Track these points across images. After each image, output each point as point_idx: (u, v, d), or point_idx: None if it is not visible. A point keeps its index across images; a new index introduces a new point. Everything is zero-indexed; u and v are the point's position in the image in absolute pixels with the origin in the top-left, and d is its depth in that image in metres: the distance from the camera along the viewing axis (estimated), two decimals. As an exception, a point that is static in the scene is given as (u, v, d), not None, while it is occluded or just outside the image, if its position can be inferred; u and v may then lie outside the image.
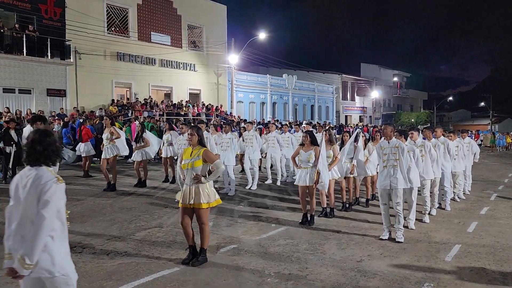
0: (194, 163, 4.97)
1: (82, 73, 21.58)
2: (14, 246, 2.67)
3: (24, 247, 2.60)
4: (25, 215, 2.68)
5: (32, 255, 2.57)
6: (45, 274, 2.68)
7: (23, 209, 2.69)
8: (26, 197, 2.69)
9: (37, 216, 2.62)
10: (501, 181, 13.38)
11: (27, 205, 2.68)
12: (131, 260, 5.10)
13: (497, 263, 5.31)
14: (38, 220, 2.61)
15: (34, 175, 2.73)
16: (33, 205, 2.65)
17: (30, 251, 2.57)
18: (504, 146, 32.91)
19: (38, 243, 2.59)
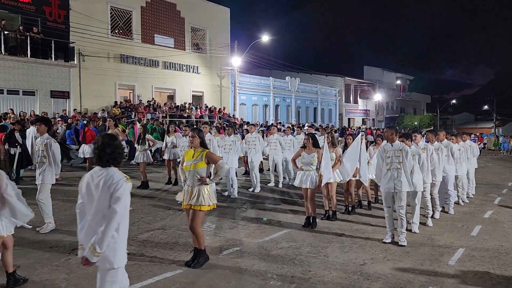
0: (197, 165, 4.99)
1: (86, 75, 21.64)
2: (87, 238, 3.01)
3: (95, 237, 2.94)
4: (97, 210, 3.03)
5: (102, 244, 2.92)
6: (105, 264, 3.02)
7: (96, 205, 3.04)
8: (99, 195, 3.04)
9: (109, 211, 2.98)
10: (505, 185, 13.31)
11: (100, 202, 3.03)
12: (134, 262, 5.10)
13: (501, 267, 5.28)
14: (110, 214, 2.97)
15: (106, 174, 3.09)
16: (106, 201, 3.01)
17: (101, 241, 2.92)
18: (508, 150, 32.75)
19: (108, 234, 2.94)
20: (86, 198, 3.12)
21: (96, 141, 3.25)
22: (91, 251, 2.92)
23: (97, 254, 2.92)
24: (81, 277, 4.59)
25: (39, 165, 6.50)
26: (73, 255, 5.31)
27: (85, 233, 3.04)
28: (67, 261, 5.09)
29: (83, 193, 3.13)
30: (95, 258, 2.94)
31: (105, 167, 3.13)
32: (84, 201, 3.13)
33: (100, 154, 3.15)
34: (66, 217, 7.30)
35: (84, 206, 3.13)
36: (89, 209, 3.08)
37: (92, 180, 3.11)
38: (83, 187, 3.14)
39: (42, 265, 4.93)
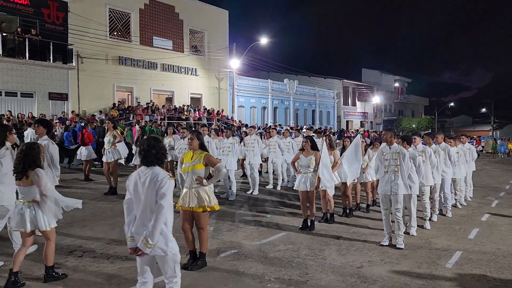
0: (195, 167, 5.00)
1: (84, 77, 21.64)
2: (137, 230, 3.37)
3: (146, 230, 3.27)
4: (145, 206, 3.35)
5: (153, 237, 3.26)
6: (160, 252, 3.37)
7: (144, 201, 3.35)
8: (146, 191, 3.35)
9: (157, 206, 3.30)
10: (502, 188, 13.34)
11: (147, 198, 3.34)
12: (131, 265, 5.08)
13: (498, 270, 5.29)
14: (157, 209, 3.29)
15: (151, 173, 3.42)
16: (153, 197, 3.33)
17: (152, 234, 3.26)
18: (506, 152, 32.85)
19: (158, 227, 3.28)
20: (133, 194, 3.43)
21: (142, 143, 3.57)
22: (144, 243, 3.28)
23: (150, 246, 3.29)
24: (78, 280, 4.58)
25: None
26: (70, 257, 5.30)
27: (135, 226, 3.39)
28: (64, 264, 5.08)
29: (131, 190, 3.45)
30: (148, 250, 3.30)
31: (150, 166, 3.46)
32: (131, 197, 3.45)
33: (146, 155, 3.47)
34: (64, 220, 7.23)
35: (131, 202, 3.46)
36: (137, 205, 3.41)
37: (139, 178, 3.43)
38: (130, 184, 3.46)
39: (39, 267, 4.92)
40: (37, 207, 4.39)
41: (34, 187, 4.40)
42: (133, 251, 3.38)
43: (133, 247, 3.37)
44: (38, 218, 4.39)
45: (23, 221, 4.37)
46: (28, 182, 4.39)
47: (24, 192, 4.43)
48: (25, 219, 4.36)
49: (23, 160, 4.39)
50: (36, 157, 4.46)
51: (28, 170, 4.37)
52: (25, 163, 4.38)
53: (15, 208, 4.50)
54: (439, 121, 58.32)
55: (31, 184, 4.39)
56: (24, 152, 4.42)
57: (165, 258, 3.43)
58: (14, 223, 4.45)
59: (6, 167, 4.84)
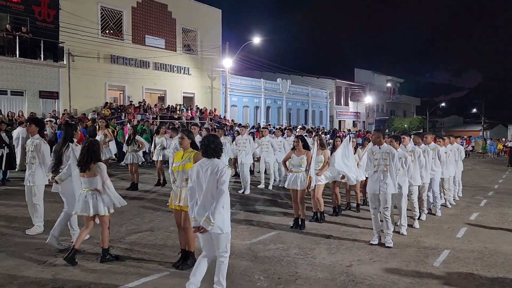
0: (185, 166, 4.99)
1: (75, 76, 21.51)
2: (199, 212, 3.98)
3: (208, 212, 3.88)
4: (207, 191, 3.98)
5: (214, 216, 3.87)
6: (218, 230, 3.96)
7: (206, 187, 3.98)
8: (208, 179, 3.98)
9: (217, 191, 3.92)
10: (491, 187, 13.51)
11: (209, 184, 3.97)
12: (121, 264, 5.09)
13: (485, 268, 5.37)
14: (218, 193, 3.92)
15: (212, 164, 4.05)
16: (214, 184, 3.95)
17: (213, 214, 3.87)
18: (495, 152, 33.21)
19: (218, 208, 3.91)
20: (196, 182, 4.07)
21: (204, 139, 4.24)
22: (206, 222, 3.88)
23: (211, 224, 3.87)
24: (66, 279, 4.56)
25: (29, 166, 6.42)
26: (59, 256, 5.27)
27: (198, 209, 3.99)
28: (53, 263, 5.05)
29: (194, 178, 4.09)
30: (209, 227, 3.89)
31: (210, 158, 4.11)
32: (194, 185, 4.08)
33: (206, 149, 4.13)
34: (54, 219, 7.20)
35: (194, 189, 4.09)
36: (199, 191, 4.05)
37: (201, 168, 4.07)
38: (193, 174, 4.11)
39: (28, 266, 4.90)
40: (98, 195, 5.09)
41: (96, 178, 5.09)
42: (196, 229, 4.00)
43: (196, 226, 3.98)
44: (99, 204, 5.08)
45: (87, 207, 5.06)
46: (91, 173, 5.09)
47: (87, 182, 5.11)
48: (88, 205, 5.05)
49: (87, 155, 5.08)
50: (97, 152, 5.17)
51: (91, 164, 5.06)
52: (88, 158, 5.07)
53: (80, 196, 5.17)
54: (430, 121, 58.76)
55: (93, 175, 5.08)
56: (87, 148, 5.12)
57: (220, 235, 4.02)
58: (79, 209, 5.12)
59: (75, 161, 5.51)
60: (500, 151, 33.55)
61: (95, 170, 5.08)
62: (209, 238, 4.07)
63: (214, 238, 4.05)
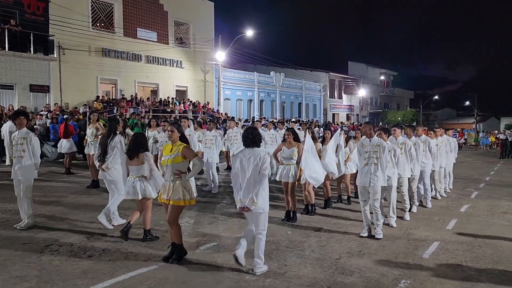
0: (174, 159, 4.95)
1: (66, 69, 21.27)
2: (243, 194, 4.59)
3: (252, 193, 4.52)
4: (250, 176, 4.59)
5: (257, 198, 4.52)
6: (260, 210, 4.59)
7: (249, 173, 4.59)
8: (250, 165, 4.60)
9: (260, 175, 4.58)
10: (482, 179, 13.58)
11: (252, 170, 4.59)
12: (109, 258, 5.05)
13: (473, 260, 5.38)
14: (260, 177, 4.58)
15: (253, 152, 4.70)
16: (256, 170, 4.59)
17: (256, 195, 4.52)
18: (488, 145, 33.40)
19: (261, 190, 4.56)
20: (240, 168, 4.67)
21: (245, 132, 4.86)
22: (250, 202, 4.52)
23: (255, 204, 4.51)
24: (52, 274, 4.51)
25: (18, 160, 6.31)
26: (46, 252, 5.22)
27: (243, 192, 4.60)
28: (39, 258, 5.00)
29: (237, 165, 4.71)
30: (253, 207, 4.52)
31: (251, 147, 4.72)
32: (238, 172, 4.68)
33: (247, 139, 4.75)
34: (43, 213, 7.18)
35: (237, 175, 4.69)
36: (242, 176, 4.66)
37: (244, 156, 4.69)
38: (237, 161, 4.72)
39: (13, 262, 4.85)
40: (145, 181, 5.62)
41: (143, 166, 5.59)
42: (241, 209, 4.63)
43: (242, 207, 4.60)
44: (146, 188, 5.62)
45: (135, 192, 5.59)
46: (139, 161, 5.61)
47: (135, 169, 5.64)
48: (137, 190, 5.58)
49: (136, 145, 5.61)
50: (145, 143, 5.79)
51: (139, 153, 5.57)
52: (138, 147, 5.60)
53: (128, 182, 5.70)
54: (424, 114, 58.96)
55: (141, 163, 5.60)
56: (138, 140, 5.69)
57: (261, 214, 4.65)
58: (128, 193, 5.69)
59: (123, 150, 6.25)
60: (493, 144, 33.72)
61: (142, 159, 5.60)
62: (252, 216, 4.68)
63: (255, 217, 4.65)
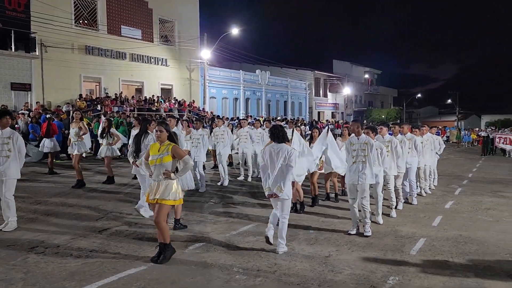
0: (163, 159, 4.91)
1: (49, 67, 20.90)
2: (272, 183, 5.31)
3: (280, 182, 5.26)
4: (278, 168, 5.30)
5: (284, 186, 5.27)
6: (285, 196, 5.34)
7: (277, 164, 5.31)
8: (278, 158, 5.31)
9: (286, 167, 5.28)
10: (465, 176, 13.83)
11: (280, 162, 5.29)
12: (96, 259, 4.97)
13: (459, 255, 5.47)
14: (287, 169, 5.29)
15: (281, 147, 5.37)
16: (284, 162, 5.28)
17: (284, 184, 5.26)
18: (470, 142, 34.00)
19: (287, 180, 5.30)
20: (269, 161, 5.39)
21: (273, 129, 5.58)
22: (278, 190, 5.26)
23: (282, 191, 5.26)
24: (38, 276, 4.42)
25: (3, 159, 6.17)
26: (32, 253, 5.12)
27: (272, 181, 5.32)
28: (25, 260, 4.89)
29: (267, 158, 5.42)
30: (280, 194, 5.27)
31: (279, 143, 5.40)
32: (267, 164, 5.42)
33: (275, 136, 5.45)
34: (26, 215, 7.03)
35: (266, 167, 5.42)
36: (271, 168, 5.37)
37: (273, 150, 5.39)
38: (266, 154, 5.45)
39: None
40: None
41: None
42: (269, 196, 5.41)
43: (270, 194, 5.35)
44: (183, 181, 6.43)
45: None
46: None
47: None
48: None
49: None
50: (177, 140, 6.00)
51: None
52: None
53: None
54: (407, 111, 59.70)
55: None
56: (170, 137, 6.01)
57: (286, 200, 5.37)
58: None
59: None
60: (474, 141, 34.36)
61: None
62: (277, 201, 5.41)
63: (281, 202, 5.38)
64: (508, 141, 24.57)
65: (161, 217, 4.93)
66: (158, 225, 4.94)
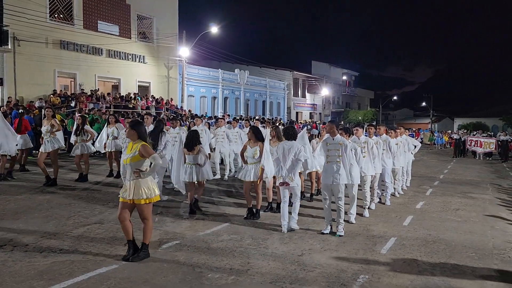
0: (132, 158, 4.86)
1: (22, 61, 20.32)
2: (285, 174, 6.31)
3: (291, 173, 6.34)
4: (290, 162, 6.31)
5: (294, 176, 6.36)
6: (295, 185, 6.41)
7: (289, 159, 6.33)
8: (290, 154, 6.34)
9: (296, 161, 6.35)
10: (437, 177, 14.20)
11: (291, 157, 6.31)
12: (66, 258, 4.88)
13: (428, 254, 5.63)
14: (297, 162, 6.37)
15: (292, 144, 6.44)
16: (294, 157, 6.31)
17: (294, 175, 6.34)
18: (442, 144, 34.88)
19: (296, 171, 6.40)
20: (282, 156, 6.40)
21: (286, 129, 6.73)
22: (289, 179, 6.32)
23: (292, 180, 6.32)
24: (5, 275, 4.31)
25: None
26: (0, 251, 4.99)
27: (283, 172, 6.34)
28: (-8, 259, 4.77)
29: (280, 153, 6.44)
30: (291, 183, 6.32)
31: (289, 140, 6.49)
32: (280, 158, 6.41)
33: (287, 135, 6.56)
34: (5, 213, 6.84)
35: (280, 160, 6.42)
36: (283, 161, 6.37)
37: (286, 147, 6.41)
38: (280, 150, 6.46)
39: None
40: (199, 167, 7.36)
41: (199, 155, 7.32)
42: (281, 184, 6.39)
43: (282, 182, 6.35)
44: (203, 172, 7.38)
45: (192, 176, 7.32)
46: (195, 152, 7.32)
47: (192, 158, 7.33)
48: (192, 175, 7.31)
49: (193, 139, 7.38)
50: (198, 138, 7.53)
51: (195, 145, 7.35)
52: (194, 141, 7.37)
53: (185, 168, 7.34)
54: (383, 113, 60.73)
55: (197, 153, 7.32)
56: (193, 134, 7.51)
57: (296, 187, 6.47)
58: (186, 177, 7.31)
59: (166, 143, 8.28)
60: (446, 143, 35.26)
61: (198, 150, 7.33)
62: (287, 189, 6.44)
63: (291, 189, 6.48)
64: (478, 143, 25.35)
65: (146, 214, 4.89)
66: (146, 222, 4.94)
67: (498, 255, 5.76)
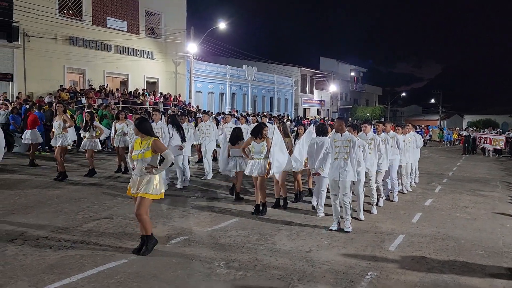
0: (144, 154, 4.89)
1: (31, 57, 20.47)
2: (317, 165, 6.80)
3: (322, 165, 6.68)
4: (321, 154, 6.75)
5: (326, 168, 6.62)
6: (325, 175, 6.79)
7: (322, 153, 6.73)
8: (321, 148, 6.81)
9: (327, 154, 6.59)
10: (446, 174, 14.09)
11: (323, 151, 6.72)
12: (76, 253, 4.93)
13: (437, 252, 5.60)
14: (327, 155, 6.58)
15: (324, 140, 6.93)
16: (325, 151, 6.65)
17: (325, 166, 6.63)
18: (451, 141, 34.60)
19: (327, 163, 6.58)
20: (315, 150, 6.99)
21: (318, 126, 7.32)
22: (321, 170, 6.73)
23: (323, 171, 6.71)
24: (17, 269, 4.37)
25: None
26: (10, 245, 5.05)
27: (316, 163, 6.80)
28: (3, 253, 4.83)
29: (314, 148, 7.01)
30: (322, 173, 6.77)
31: (321, 136, 7.03)
32: (313, 152, 7.05)
33: (319, 131, 7.12)
34: (6, 207, 6.93)
35: (312, 154, 7.05)
36: (316, 155, 6.88)
37: (318, 142, 7.01)
38: (314, 145, 7.05)
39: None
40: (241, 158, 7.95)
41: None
42: (315, 173, 7.00)
43: (315, 172, 6.92)
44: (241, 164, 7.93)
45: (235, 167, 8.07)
46: (238, 147, 7.77)
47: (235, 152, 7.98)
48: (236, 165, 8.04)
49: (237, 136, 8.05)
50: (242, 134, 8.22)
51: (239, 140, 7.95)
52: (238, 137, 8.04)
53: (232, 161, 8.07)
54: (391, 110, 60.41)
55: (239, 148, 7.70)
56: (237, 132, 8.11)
57: (324, 178, 7.04)
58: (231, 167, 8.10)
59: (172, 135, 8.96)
60: (455, 140, 34.97)
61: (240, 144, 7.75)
62: (319, 178, 7.15)
63: (321, 179, 7.15)
64: (488, 140, 25.14)
65: (142, 210, 4.91)
66: (139, 218, 4.93)
67: (508, 253, 5.71)
